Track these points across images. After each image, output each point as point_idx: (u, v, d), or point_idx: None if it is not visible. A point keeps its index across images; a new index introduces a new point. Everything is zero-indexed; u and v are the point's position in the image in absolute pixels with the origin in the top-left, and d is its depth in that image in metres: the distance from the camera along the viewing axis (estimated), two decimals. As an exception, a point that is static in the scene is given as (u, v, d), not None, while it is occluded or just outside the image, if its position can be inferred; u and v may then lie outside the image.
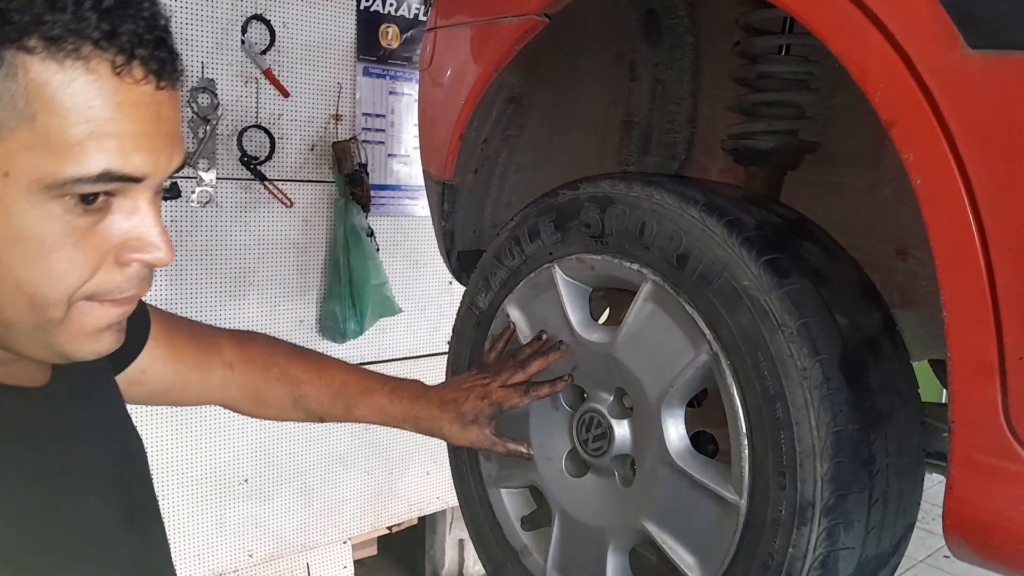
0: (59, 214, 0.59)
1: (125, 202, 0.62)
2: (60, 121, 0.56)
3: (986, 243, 0.70)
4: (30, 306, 0.61)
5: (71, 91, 0.56)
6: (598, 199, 1.07)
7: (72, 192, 0.58)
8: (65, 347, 0.65)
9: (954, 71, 0.71)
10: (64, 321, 0.63)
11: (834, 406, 0.86)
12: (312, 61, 2.62)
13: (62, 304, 0.62)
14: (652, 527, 1.03)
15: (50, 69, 0.56)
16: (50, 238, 0.59)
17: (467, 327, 1.28)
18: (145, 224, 0.63)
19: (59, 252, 0.60)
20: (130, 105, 0.59)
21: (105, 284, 0.63)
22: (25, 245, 0.59)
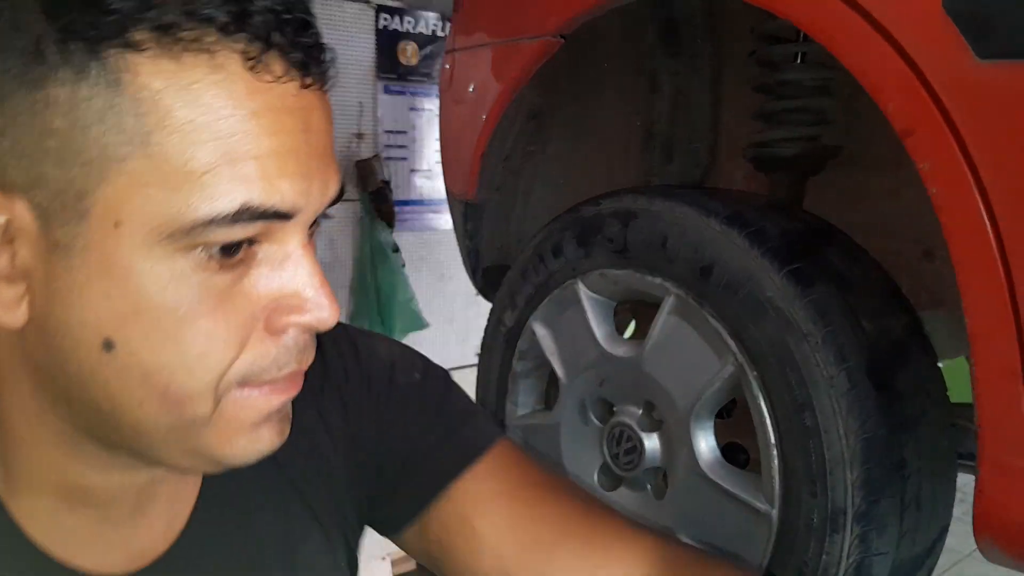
0: (189, 273, 0.44)
1: (272, 248, 0.47)
2: (181, 143, 0.42)
3: (1004, 249, 0.71)
4: (163, 402, 0.46)
5: (193, 97, 0.42)
6: (620, 214, 1.09)
7: (205, 241, 0.43)
8: (218, 451, 0.49)
9: (964, 81, 0.71)
10: (214, 419, 0.47)
11: (862, 413, 0.87)
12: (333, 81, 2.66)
13: (207, 395, 0.46)
14: (686, 538, 1.04)
15: (165, 70, 0.41)
16: (181, 307, 0.44)
17: (494, 346, 1.30)
18: (300, 276, 0.48)
19: (194, 325, 0.45)
20: (271, 112, 0.44)
21: (259, 361, 0.48)
22: (149, 320, 0.44)
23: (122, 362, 0.44)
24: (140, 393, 0.45)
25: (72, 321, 0.44)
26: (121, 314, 0.43)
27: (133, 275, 0.43)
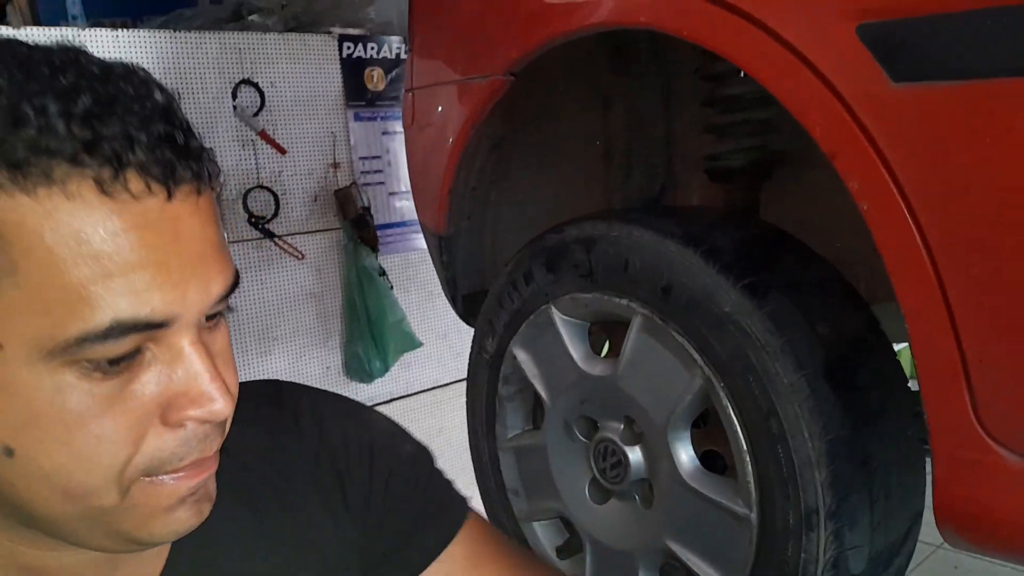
0: (75, 383, 0.45)
1: (160, 350, 0.48)
2: (47, 269, 0.43)
3: (933, 258, 0.75)
4: (67, 498, 0.48)
5: (54, 225, 0.43)
6: (583, 240, 1.13)
7: (84, 357, 0.45)
8: (136, 534, 0.51)
9: (882, 104, 0.76)
10: (124, 506, 0.49)
11: (823, 415, 0.91)
12: (304, 115, 2.69)
13: (110, 489, 0.48)
14: (675, 545, 1.08)
15: (22, 204, 0.43)
16: (68, 415, 0.45)
17: (479, 372, 1.35)
18: (189, 374, 0.48)
19: (84, 430, 0.46)
20: (134, 230, 0.45)
21: (158, 455, 0.49)
22: (41, 427, 0.45)
23: (23, 466, 0.46)
24: (44, 492, 0.47)
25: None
26: (15, 424, 0.45)
27: (21, 389, 0.45)
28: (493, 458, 1.36)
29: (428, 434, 3.05)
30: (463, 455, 3.26)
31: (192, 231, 0.48)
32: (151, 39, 2.35)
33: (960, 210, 0.73)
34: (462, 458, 3.25)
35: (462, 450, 3.24)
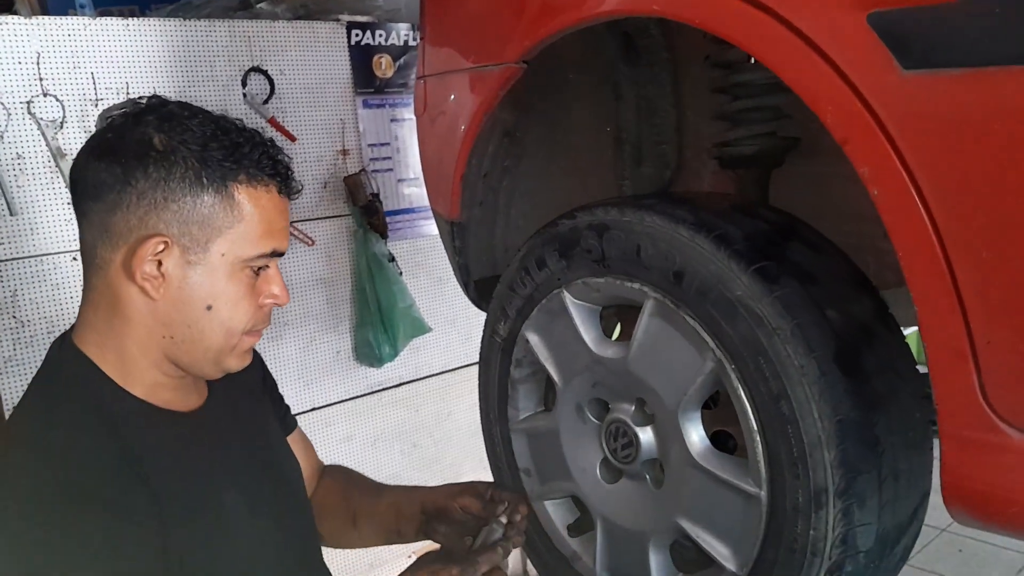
0: (244, 278, 0.97)
1: (268, 268, 1.00)
2: (255, 222, 0.95)
3: (943, 242, 0.77)
4: (226, 335, 0.98)
5: (261, 205, 0.96)
6: (595, 226, 1.15)
7: (253, 264, 0.97)
8: (230, 363, 1.02)
9: (893, 91, 0.77)
10: (236, 346, 1.00)
11: (833, 397, 0.93)
12: (313, 103, 2.71)
13: (239, 333, 0.99)
14: (686, 523, 1.10)
15: (251, 193, 0.95)
16: (238, 291, 0.97)
17: (492, 355, 1.37)
18: (277, 281, 1.01)
19: (243, 300, 0.98)
20: (282, 211, 1.00)
21: (256, 321, 1.01)
22: (228, 296, 0.96)
23: (213, 316, 0.96)
24: (219, 331, 0.97)
25: (192, 296, 0.95)
26: (216, 293, 0.95)
27: (220, 276, 0.95)
28: (505, 440, 1.38)
29: (437, 418, 3.08)
30: (472, 438, 3.28)
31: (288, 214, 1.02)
32: (160, 28, 2.36)
33: (969, 195, 0.74)
34: (471, 441, 3.29)
35: (471, 434, 3.27)
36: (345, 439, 2.85)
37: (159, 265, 0.93)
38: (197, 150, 0.92)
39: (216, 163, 0.92)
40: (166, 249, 0.92)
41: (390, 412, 2.97)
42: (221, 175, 0.93)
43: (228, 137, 0.94)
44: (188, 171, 0.91)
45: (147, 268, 0.92)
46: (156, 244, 0.91)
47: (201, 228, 0.93)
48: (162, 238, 0.92)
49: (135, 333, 0.96)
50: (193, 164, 0.92)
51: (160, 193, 0.91)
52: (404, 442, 3.01)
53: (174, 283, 0.94)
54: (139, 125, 0.92)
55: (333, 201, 2.77)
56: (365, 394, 2.90)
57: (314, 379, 2.76)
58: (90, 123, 2.25)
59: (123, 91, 2.33)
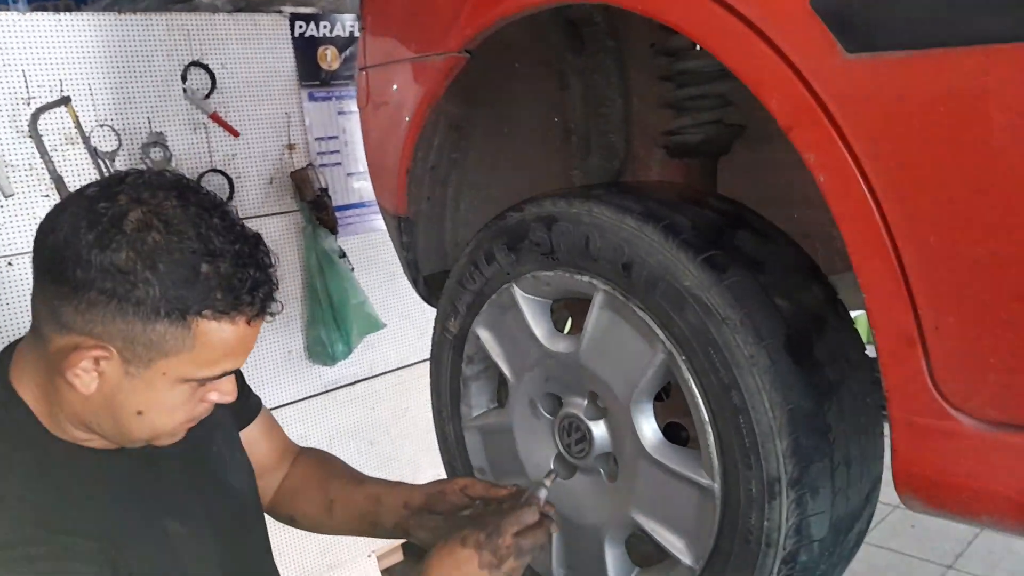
0: (185, 389, 0.93)
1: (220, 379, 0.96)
2: (209, 351, 0.89)
3: (889, 228, 0.76)
4: (152, 433, 0.95)
5: (220, 336, 0.89)
6: (543, 218, 1.13)
7: (200, 382, 0.93)
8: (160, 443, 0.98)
9: (836, 75, 0.76)
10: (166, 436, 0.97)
11: (784, 387, 0.92)
12: (257, 96, 2.64)
13: (169, 435, 0.97)
14: (640, 517, 1.09)
15: (212, 326, 0.88)
16: (175, 402, 0.93)
17: (443, 352, 1.34)
18: (225, 388, 0.97)
19: (179, 409, 0.94)
20: (247, 337, 0.93)
21: (195, 416, 0.98)
22: (162, 405, 0.92)
23: (144, 420, 0.93)
24: (146, 431, 0.94)
25: (125, 401, 0.91)
26: (149, 403, 0.92)
27: (162, 391, 0.91)
28: (459, 438, 1.36)
29: (394, 414, 3.04)
30: (428, 435, 3.23)
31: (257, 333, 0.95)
32: (95, 22, 2.28)
33: (915, 181, 0.74)
34: (428, 438, 3.24)
35: (428, 430, 3.22)
36: (299, 440, 2.77)
37: (96, 363, 0.88)
38: (165, 273, 0.84)
39: (178, 299, 0.85)
40: (107, 357, 0.87)
41: (345, 411, 2.93)
42: (182, 308, 0.85)
43: (209, 263, 0.85)
44: (148, 297, 0.84)
45: (82, 368, 0.88)
46: (96, 355, 0.87)
47: (147, 349, 0.87)
48: (104, 351, 0.87)
49: (65, 406, 0.93)
50: (154, 292, 0.84)
51: (114, 307, 0.84)
52: (360, 440, 2.97)
53: (108, 384, 0.89)
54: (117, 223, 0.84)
55: (280, 197, 2.71)
56: (319, 393, 2.85)
57: (265, 380, 2.71)
58: (22, 122, 2.17)
59: (56, 88, 2.25)
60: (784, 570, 0.96)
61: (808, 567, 0.97)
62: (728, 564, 1.00)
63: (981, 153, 0.69)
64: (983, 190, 0.70)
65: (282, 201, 2.72)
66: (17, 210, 2.17)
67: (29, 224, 2.18)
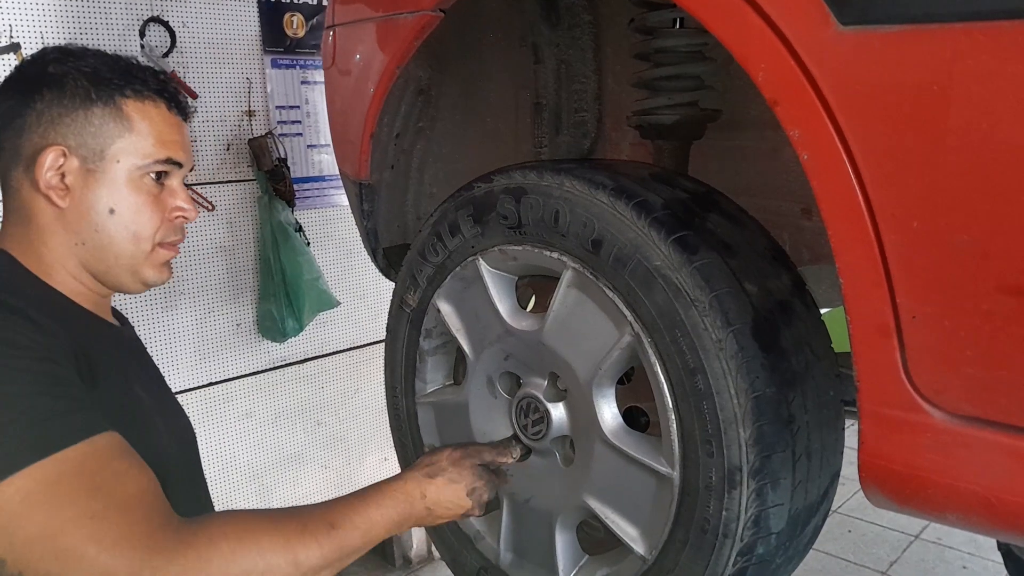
0: (144, 186, 1.02)
1: (171, 180, 1.05)
2: (145, 132, 1.01)
3: (872, 211, 0.74)
4: (134, 240, 1.02)
5: (149, 117, 1.02)
6: (512, 190, 1.09)
7: (149, 171, 1.02)
8: (147, 274, 1.05)
9: (829, 49, 0.73)
10: (149, 256, 1.04)
11: (751, 373, 0.90)
12: (217, 58, 2.56)
13: (149, 241, 1.03)
14: (594, 503, 1.06)
15: (138, 106, 1.02)
16: (140, 199, 1.02)
17: (400, 325, 1.30)
18: (181, 196, 1.06)
19: (146, 208, 1.02)
20: (173, 125, 1.05)
21: (166, 233, 1.05)
22: (129, 202, 1.01)
23: (118, 220, 1.01)
24: (126, 235, 1.02)
25: (96, 201, 1.00)
26: (117, 199, 1.01)
27: (121, 184, 1.01)
28: (411, 414, 1.32)
29: (344, 395, 2.98)
30: (379, 416, 3.19)
31: (186, 135, 1.08)
32: (50, -32, 2.18)
33: (903, 162, 0.71)
34: (378, 419, 3.20)
35: (378, 412, 3.18)
36: (244, 415, 2.72)
37: (62, 177, 0.99)
38: (88, 72, 1.01)
39: (105, 81, 1.00)
40: (66, 160, 0.99)
41: (293, 388, 2.86)
42: (109, 91, 1.00)
43: (118, 63, 1.04)
44: (79, 89, 0.99)
45: (50, 178, 0.99)
46: (56, 154, 0.98)
47: (95, 138, 0.99)
48: (60, 148, 0.99)
49: (50, 242, 1.02)
50: (83, 83, 1.00)
51: (56, 110, 0.99)
52: (308, 420, 2.90)
53: (77, 191, 1.00)
54: (36, 61, 1.03)
55: (236, 164, 2.63)
56: (267, 369, 2.78)
57: (212, 352, 2.63)
58: (-33, 66, 2.06)
59: (5, 35, 2.15)
60: (740, 562, 0.94)
61: (764, 560, 0.95)
62: (682, 554, 0.98)
63: (975, 137, 0.66)
64: (974, 176, 0.67)
65: (238, 169, 2.63)
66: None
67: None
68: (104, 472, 0.82)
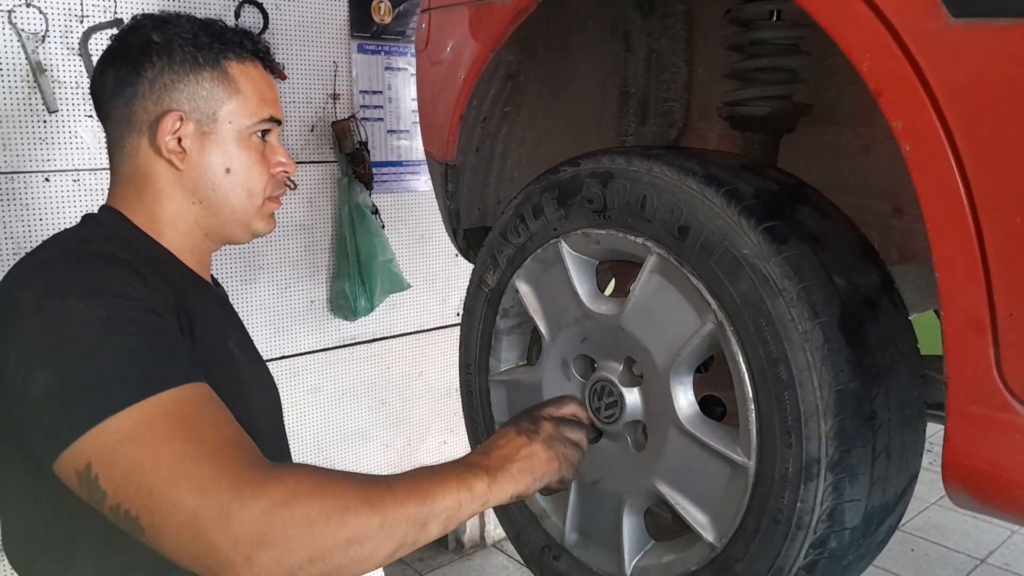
0: (252, 144, 1.10)
1: (271, 137, 1.13)
2: (249, 92, 1.09)
3: (974, 205, 0.73)
4: (248, 196, 1.11)
5: (251, 78, 1.10)
6: (599, 174, 1.10)
7: (256, 130, 1.10)
8: (257, 226, 1.15)
9: (938, 40, 0.73)
10: (260, 209, 1.13)
11: (835, 366, 0.89)
12: (306, 41, 2.63)
13: (261, 195, 1.12)
14: (665, 489, 1.07)
15: (241, 68, 1.09)
16: (250, 156, 1.10)
17: (477, 304, 1.32)
18: (280, 151, 1.14)
19: (256, 165, 1.11)
20: (271, 84, 1.14)
21: (273, 187, 1.14)
22: (242, 160, 1.09)
23: (234, 178, 1.10)
24: (241, 192, 1.10)
25: (212, 162, 1.08)
26: (231, 159, 1.09)
27: (233, 146, 1.09)
28: (484, 392, 1.34)
29: (408, 377, 3.03)
30: (440, 400, 3.24)
31: (277, 94, 1.15)
32: (153, -51, 2.27)
33: (1009, 157, 0.70)
34: (440, 402, 3.25)
35: (440, 395, 3.23)
36: (313, 390, 2.79)
37: (179, 141, 1.06)
38: (190, 38, 1.07)
39: (207, 46, 1.07)
40: (183, 124, 1.06)
41: (361, 367, 2.92)
42: (214, 55, 1.07)
43: (213, 27, 1.10)
44: (186, 55, 1.06)
45: (169, 142, 1.06)
46: (174, 118, 1.05)
47: (207, 101, 1.07)
48: (178, 113, 1.06)
49: (167, 203, 1.09)
50: (189, 49, 1.06)
51: (167, 77, 1.06)
52: (372, 398, 2.96)
53: (194, 154, 1.08)
54: (136, 30, 1.08)
55: (319, 146, 2.69)
56: (337, 347, 2.85)
57: (286, 326, 2.70)
58: (73, 40, 2.16)
59: (110, 10, 2.24)
60: (812, 555, 0.93)
61: (836, 555, 0.95)
62: (752, 544, 0.98)
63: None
64: (1084, 171, 0.66)
65: (321, 150, 2.70)
66: (59, 127, 2.16)
67: (69, 141, 2.18)
68: (197, 417, 0.86)
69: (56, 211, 2.16)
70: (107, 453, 0.82)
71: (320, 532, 0.81)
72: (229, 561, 0.78)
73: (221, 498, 0.79)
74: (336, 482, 0.86)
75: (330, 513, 0.82)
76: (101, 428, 0.82)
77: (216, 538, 0.78)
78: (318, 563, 0.81)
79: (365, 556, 0.84)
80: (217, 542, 0.78)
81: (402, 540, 0.87)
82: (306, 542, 0.80)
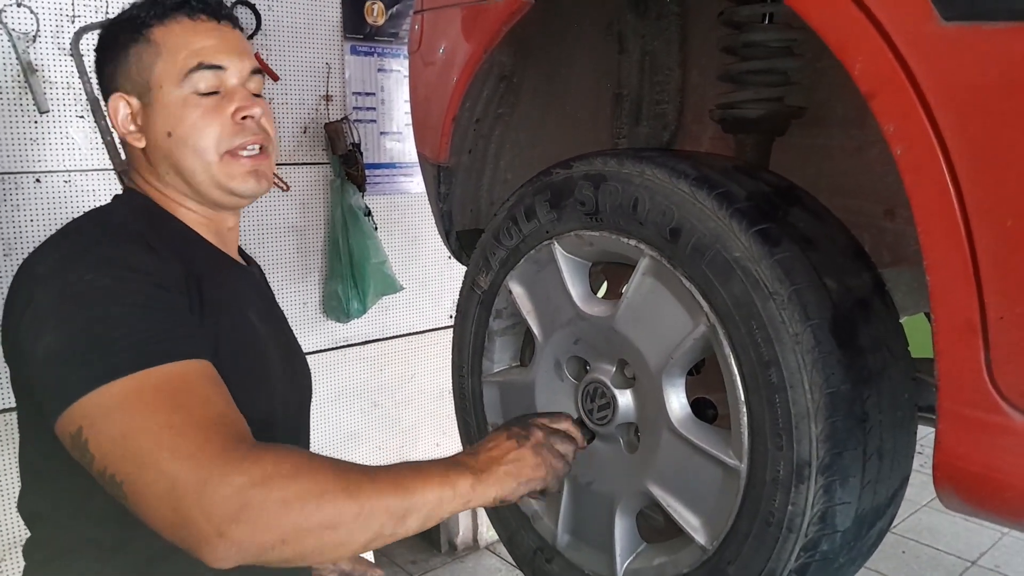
0: (196, 102, 1.06)
1: (225, 88, 1.08)
2: (172, 51, 1.05)
3: (965, 209, 0.73)
4: (196, 154, 1.06)
5: (173, 35, 1.06)
6: (591, 177, 1.10)
7: (193, 84, 1.05)
8: (227, 183, 1.08)
9: (930, 43, 0.73)
10: (219, 164, 1.07)
11: (826, 368, 0.89)
12: (299, 43, 2.62)
13: (211, 151, 1.06)
14: (657, 491, 1.07)
15: (163, 30, 1.06)
16: (194, 114, 1.06)
17: (470, 306, 1.32)
18: (238, 95, 1.08)
19: (201, 120, 1.06)
20: (202, 32, 1.07)
21: (233, 138, 1.07)
22: (183, 121, 1.05)
23: (176, 140, 1.06)
24: (185, 151, 1.07)
25: (156, 131, 1.07)
26: (172, 122, 1.06)
27: (171, 106, 1.06)
28: (476, 393, 1.34)
29: (400, 379, 3.03)
30: (433, 402, 3.23)
31: (229, 36, 1.10)
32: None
33: (1000, 160, 0.70)
34: (432, 405, 3.24)
35: (432, 397, 3.22)
36: (304, 392, 2.78)
37: (134, 120, 1.08)
38: (124, 20, 1.08)
39: (132, 19, 1.08)
40: (129, 105, 1.08)
41: (353, 369, 2.91)
42: (137, 27, 1.07)
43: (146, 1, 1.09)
44: (116, 39, 1.09)
45: (122, 125, 1.09)
46: (116, 100, 1.09)
47: (139, 74, 1.07)
48: (119, 95, 1.08)
49: (152, 180, 1.11)
50: (114, 31, 1.09)
51: (109, 66, 1.10)
52: (365, 401, 2.96)
53: (146, 128, 1.08)
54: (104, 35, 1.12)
55: (312, 148, 2.69)
56: (329, 349, 2.84)
57: (278, 328, 2.69)
58: (65, 40, 2.15)
59: (101, 10, 2.23)
60: (803, 557, 0.93)
61: (828, 557, 0.95)
62: (744, 546, 0.98)
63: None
64: (1074, 174, 0.66)
65: (313, 152, 2.70)
66: (51, 127, 2.15)
67: (61, 142, 2.17)
68: (190, 392, 0.88)
69: (47, 212, 2.15)
70: (97, 419, 0.85)
71: (294, 514, 0.81)
72: (203, 535, 0.79)
73: (200, 473, 0.80)
74: (317, 467, 0.86)
75: (306, 496, 0.82)
76: (95, 394, 0.85)
77: (192, 511, 0.79)
78: (291, 544, 0.81)
79: (339, 542, 0.85)
80: (193, 515, 0.79)
81: (379, 531, 0.87)
82: (280, 523, 0.80)
